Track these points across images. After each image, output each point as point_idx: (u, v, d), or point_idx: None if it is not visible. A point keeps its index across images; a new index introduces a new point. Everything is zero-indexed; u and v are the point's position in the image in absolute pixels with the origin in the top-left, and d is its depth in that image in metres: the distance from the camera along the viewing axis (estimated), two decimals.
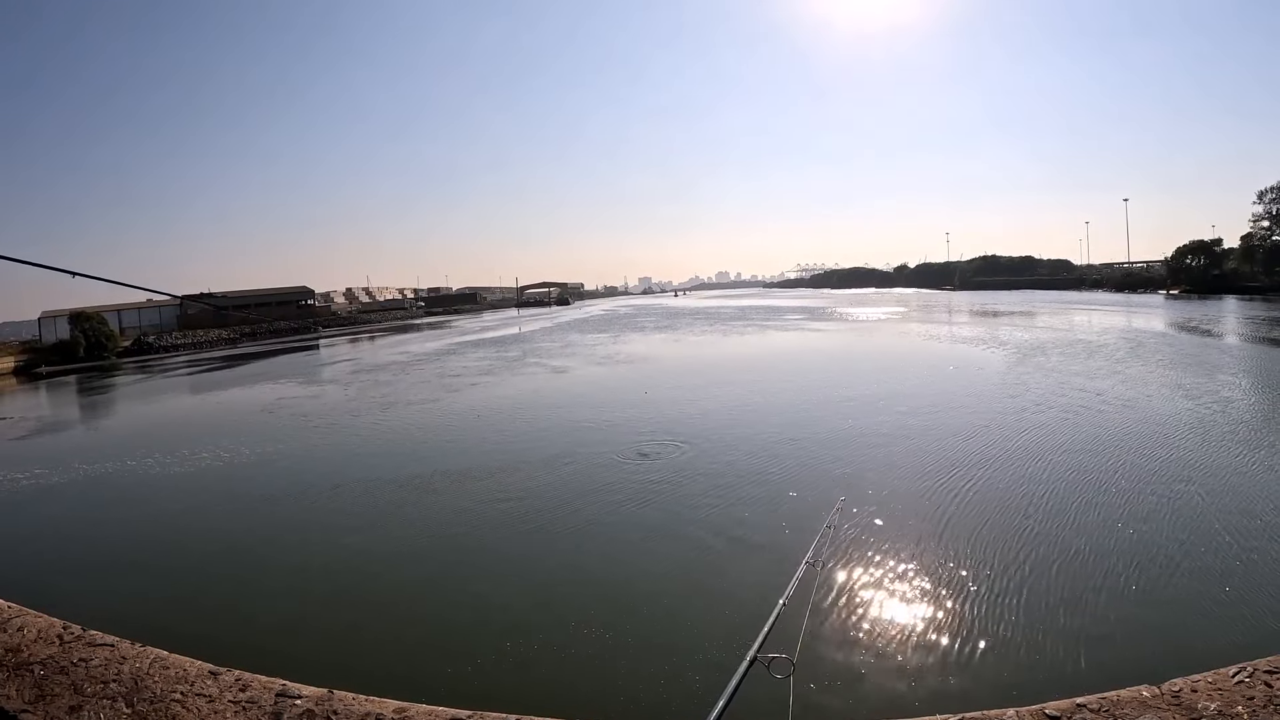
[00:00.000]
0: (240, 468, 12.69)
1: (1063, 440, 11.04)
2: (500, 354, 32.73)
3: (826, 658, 5.15)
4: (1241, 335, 27.89)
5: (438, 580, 7.21)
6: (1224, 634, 5.17)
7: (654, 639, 5.62)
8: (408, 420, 16.19)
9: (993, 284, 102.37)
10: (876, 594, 6.18)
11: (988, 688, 4.72)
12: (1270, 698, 1.58)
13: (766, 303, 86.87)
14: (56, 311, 62.76)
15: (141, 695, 1.90)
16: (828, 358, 25.16)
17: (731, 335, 37.23)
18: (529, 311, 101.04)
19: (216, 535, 9.09)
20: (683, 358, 27.66)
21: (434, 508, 9.44)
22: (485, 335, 48.81)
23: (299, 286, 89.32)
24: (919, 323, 41.52)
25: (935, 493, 8.77)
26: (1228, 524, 7.21)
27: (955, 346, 27.06)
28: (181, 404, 24.76)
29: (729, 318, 54.54)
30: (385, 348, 44.00)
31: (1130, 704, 1.62)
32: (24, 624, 2.32)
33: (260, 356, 44.65)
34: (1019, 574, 6.37)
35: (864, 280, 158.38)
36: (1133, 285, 79.77)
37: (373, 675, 5.16)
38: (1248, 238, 68.84)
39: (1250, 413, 12.92)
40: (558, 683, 5.15)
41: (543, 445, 12.60)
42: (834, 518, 3.82)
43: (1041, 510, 7.95)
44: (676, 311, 71.67)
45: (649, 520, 8.44)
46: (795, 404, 15.38)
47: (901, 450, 10.86)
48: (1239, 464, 9.44)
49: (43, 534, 9.82)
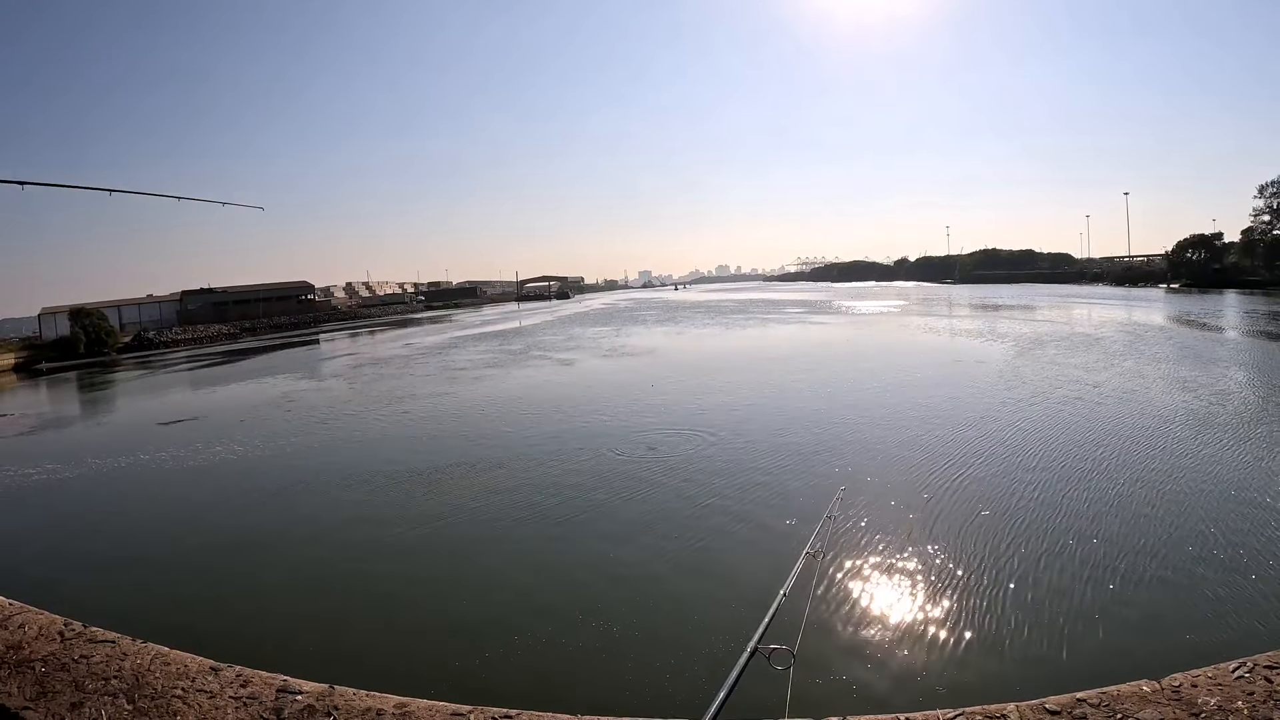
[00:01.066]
0: (241, 463, 12.71)
1: (1062, 433, 11.04)
2: (503, 347, 32.72)
3: (827, 649, 5.17)
4: (1241, 329, 27.86)
5: (438, 575, 7.23)
6: (1224, 629, 5.18)
7: (654, 631, 5.64)
8: (408, 415, 16.19)
9: (993, 278, 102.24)
10: (877, 586, 6.20)
11: (988, 682, 4.73)
12: (1270, 693, 1.58)
13: (767, 296, 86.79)
14: (56, 308, 62.70)
15: (143, 692, 1.91)
16: (828, 351, 25.15)
17: (733, 329, 37.20)
18: (529, 305, 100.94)
19: (217, 531, 9.11)
20: (684, 351, 27.63)
21: (434, 502, 9.45)
22: (486, 329, 48.79)
23: (299, 281, 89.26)
24: (919, 316, 41.47)
25: (935, 484, 8.78)
26: (1228, 518, 7.22)
27: (955, 339, 27.04)
28: (181, 400, 24.76)
29: (730, 311, 54.49)
30: (386, 342, 43.99)
31: (1130, 699, 1.62)
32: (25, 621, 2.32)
33: (261, 351, 44.65)
34: (1018, 567, 6.38)
35: (864, 274, 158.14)
36: (1133, 279, 79.55)
37: (374, 671, 5.17)
38: (1248, 232, 68.56)
39: (1249, 406, 12.92)
40: (558, 676, 5.17)
41: (543, 439, 12.61)
42: (834, 508, 3.83)
43: (1041, 503, 7.96)
44: (677, 305, 71.61)
45: (650, 512, 8.45)
46: (796, 396, 15.38)
47: (901, 441, 10.87)
48: (1238, 457, 9.44)
49: (43, 531, 9.84)
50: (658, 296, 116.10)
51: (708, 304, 71.18)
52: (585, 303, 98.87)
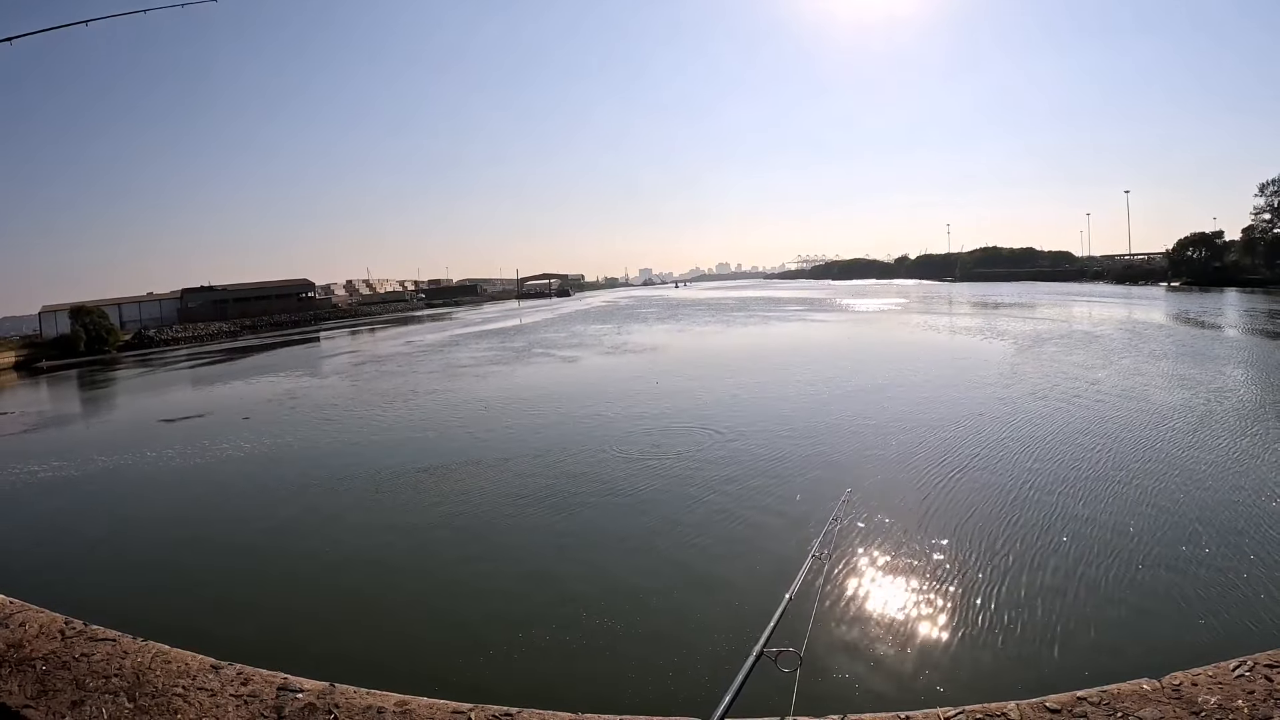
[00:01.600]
0: (243, 462, 12.72)
1: (1065, 433, 11.04)
2: (505, 345, 32.71)
3: (833, 651, 5.17)
4: (1240, 328, 27.84)
5: (439, 573, 7.24)
6: (1224, 627, 5.18)
7: (660, 632, 5.64)
8: (409, 413, 16.19)
9: (993, 275, 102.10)
10: (882, 587, 6.20)
11: (989, 681, 4.74)
12: (1271, 691, 1.58)
13: (768, 294, 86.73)
14: (57, 306, 62.66)
15: (143, 690, 1.91)
16: (830, 350, 25.14)
17: (734, 327, 37.17)
18: (529, 303, 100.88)
19: (218, 529, 9.12)
20: (687, 349, 27.61)
21: (435, 499, 9.46)
22: (488, 327, 48.77)
23: (299, 279, 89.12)
24: (920, 314, 41.47)
25: (940, 485, 8.78)
26: (1228, 516, 7.22)
27: (956, 338, 27.04)
28: (184, 397, 24.77)
29: (730, 308, 54.49)
30: (387, 340, 43.98)
31: (1130, 697, 1.62)
32: (26, 619, 2.32)
33: (261, 349, 44.64)
34: (1021, 566, 6.39)
35: (864, 272, 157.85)
36: (1134, 277, 79.46)
37: (375, 669, 5.16)
38: (1249, 230, 68.50)
39: (1247, 405, 12.91)
40: (562, 675, 5.17)
41: (547, 437, 12.61)
42: (841, 510, 3.82)
43: (1044, 503, 7.97)
44: (677, 303, 71.58)
45: (656, 512, 8.45)
46: (800, 396, 15.38)
47: (905, 442, 10.86)
48: (1238, 456, 9.44)
49: (43, 529, 9.85)
50: (658, 294, 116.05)
51: (709, 301, 71.16)
52: (586, 300, 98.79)
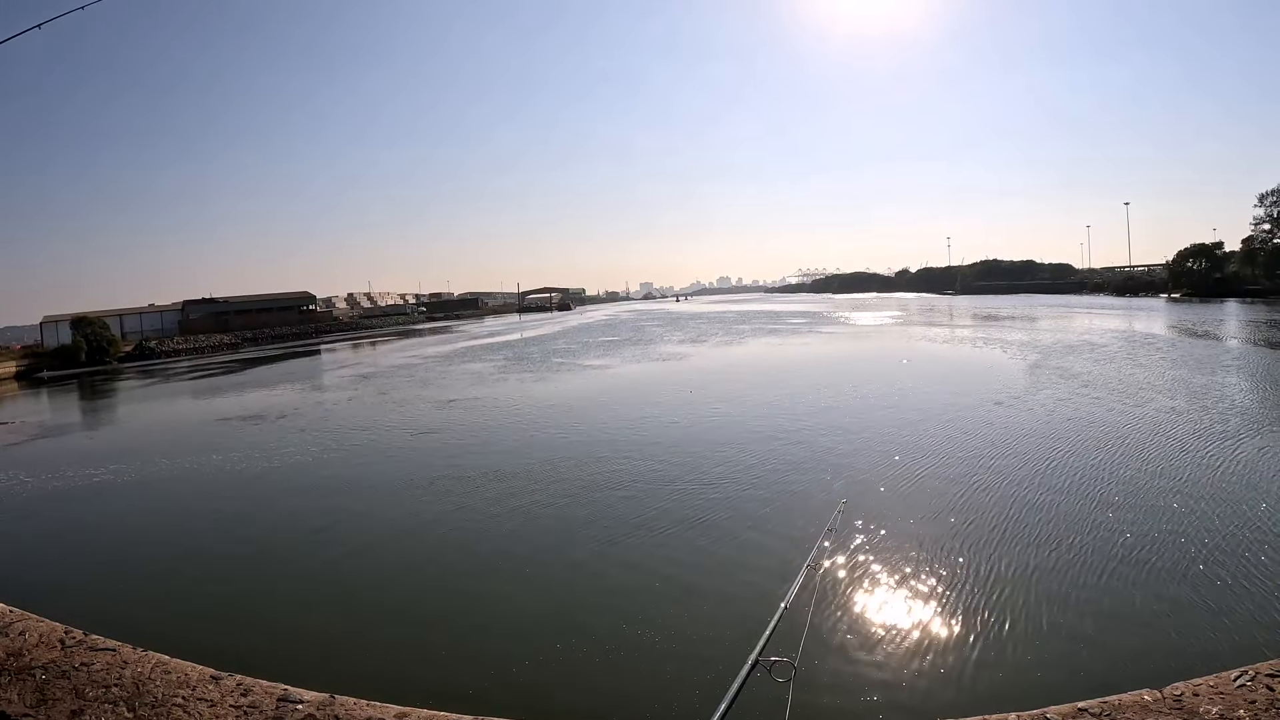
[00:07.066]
0: (242, 474, 12.69)
1: (1062, 444, 11.01)
2: (511, 358, 32.75)
3: (828, 661, 5.14)
4: (1240, 338, 27.84)
5: (439, 584, 7.20)
6: (1225, 638, 5.15)
7: (656, 643, 5.61)
8: (408, 424, 16.18)
9: (994, 288, 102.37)
10: (878, 597, 6.17)
11: (989, 692, 4.70)
12: (1272, 701, 1.57)
13: (769, 308, 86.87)
14: (58, 316, 62.88)
15: (143, 700, 1.90)
16: (830, 363, 25.17)
17: (736, 343, 37.22)
18: (531, 317, 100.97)
19: (219, 539, 9.09)
20: (686, 367, 27.64)
21: (435, 511, 9.43)
22: (493, 340, 48.83)
23: (300, 292, 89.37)
24: (921, 326, 41.52)
25: (935, 496, 8.75)
26: (1229, 527, 7.19)
27: (957, 349, 27.06)
28: (183, 409, 24.77)
29: (732, 322, 54.60)
30: (388, 354, 44.04)
31: (1131, 708, 1.61)
32: (25, 628, 2.32)
33: (262, 362, 44.70)
34: (1019, 577, 6.35)
35: (865, 285, 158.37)
36: (1134, 289, 79.64)
37: (375, 680, 5.15)
38: (1249, 241, 68.79)
39: (1248, 416, 12.88)
40: (559, 687, 5.14)
41: (547, 450, 12.60)
42: (836, 520, 3.83)
43: (1041, 514, 7.93)
44: (678, 316, 71.70)
45: (651, 524, 8.42)
46: (795, 411, 15.36)
47: (902, 454, 10.84)
48: (1239, 467, 9.41)
49: (44, 539, 9.82)
50: (659, 308, 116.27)
51: (710, 315, 71.25)
52: (587, 314, 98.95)
